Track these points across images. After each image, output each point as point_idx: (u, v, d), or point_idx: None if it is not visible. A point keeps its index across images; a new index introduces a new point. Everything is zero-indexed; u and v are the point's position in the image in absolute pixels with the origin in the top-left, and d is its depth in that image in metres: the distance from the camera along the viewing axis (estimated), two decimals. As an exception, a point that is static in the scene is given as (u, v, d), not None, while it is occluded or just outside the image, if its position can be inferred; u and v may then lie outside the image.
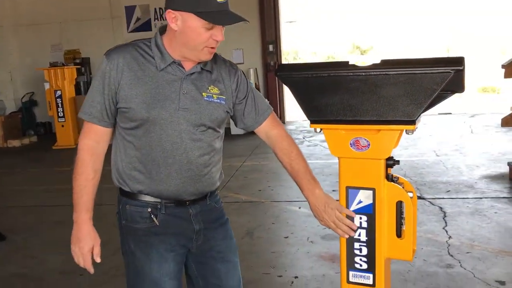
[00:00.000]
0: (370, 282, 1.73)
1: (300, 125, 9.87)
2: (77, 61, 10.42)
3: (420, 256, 3.50)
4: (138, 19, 10.60)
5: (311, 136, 8.59)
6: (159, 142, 1.64)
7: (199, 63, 1.68)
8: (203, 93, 1.67)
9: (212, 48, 1.62)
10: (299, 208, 4.79)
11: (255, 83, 10.26)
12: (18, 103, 11.15)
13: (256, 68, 10.31)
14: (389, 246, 1.74)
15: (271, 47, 10.20)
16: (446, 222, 4.15)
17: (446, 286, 3.05)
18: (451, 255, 3.50)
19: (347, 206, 1.75)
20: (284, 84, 1.77)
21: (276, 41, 10.23)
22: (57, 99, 9.11)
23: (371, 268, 1.73)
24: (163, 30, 1.68)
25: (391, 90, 1.59)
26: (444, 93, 1.65)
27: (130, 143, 1.67)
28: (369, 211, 1.74)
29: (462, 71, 1.53)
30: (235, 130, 9.70)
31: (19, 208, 5.56)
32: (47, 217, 5.14)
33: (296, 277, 3.33)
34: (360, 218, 1.75)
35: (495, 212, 4.32)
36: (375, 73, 1.60)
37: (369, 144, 1.70)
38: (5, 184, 6.80)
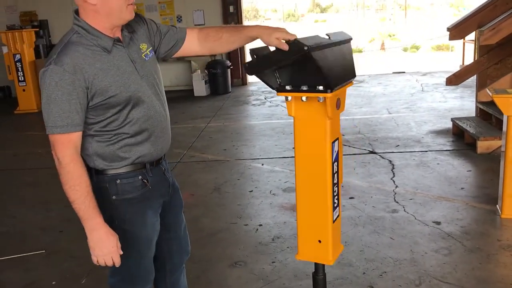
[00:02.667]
0: None
1: (262, 86, 10.13)
2: (35, 23, 10.23)
3: (369, 204, 3.94)
4: (96, -21, 10.41)
5: (272, 97, 8.90)
6: (144, 112, 1.77)
7: (122, 30, 1.76)
8: (142, 55, 1.81)
9: (132, 4, 1.71)
10: (262, 165, 5.15)
11: (217, 45, 10.37)
12: (-27, 66, 10.89)
13: (217, 30, 10.40)
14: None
15: (231, 8, 10.30)
16: (394, 174, 4.60)
17: (391, 228, 3.50)
18: (397, 202, 3.95)
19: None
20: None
21: (237, 1, 10.32)
22: (17, 63, 9.01)
23: None
24: (77, 13, 1.71)
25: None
26: None
27: (111, 130, 1.74)
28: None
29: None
30: (198, 92, 9.91)
31: (-11, 172, 5.68)
32: (19, 180, 5.32)
33: (260, 225, 3.71)
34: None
35: (438, 164, 4.80)
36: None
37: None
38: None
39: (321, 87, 1.67)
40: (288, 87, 1.73)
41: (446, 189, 4.16)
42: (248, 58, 10.53)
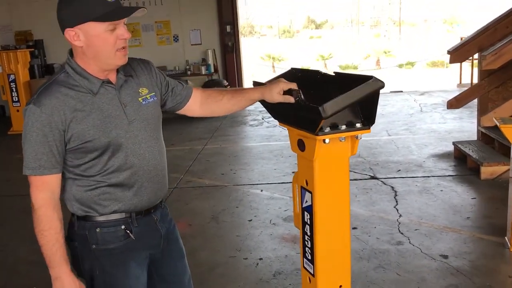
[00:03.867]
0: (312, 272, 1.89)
1: (259, 106, 10.01)
2: (30, 43, 10.14)
3: (373, 235, 3.81)
4: (92, -1, 10.37)
5: (269, 117, 8.78)
6: (126, 160, 1.66)
7: (118, 72, 1.69)
8: (139, 99, 1.71)
9: (123, 49, 1.62)
10: (261, 191, 5.02)
11: (214, 64, 10.33)
12: (-33, 86, 10.77)
13: (214, 49, 10.37)
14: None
15: (228, 28, 10.26)
16: (397, 201, 4.49)
17: (397, 262, 3.37)
18: (401, 233, 3.83)
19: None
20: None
21: (234, 21, 10.29)
22: (11, 83, 8.89)
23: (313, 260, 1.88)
24: (72, 52, 1.67)
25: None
26: None
27: (89, 176, 1.65)
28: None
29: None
30: (194, 112, 9.80)
31: (-20, 198, 5.53)
32: (11, 207, 5.16)
33: (260, 258, 3.57)
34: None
35: (441, 190, 4.69)
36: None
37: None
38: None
39: (358, 124, 1.72)
40: (327, 129, 1.68)
41: (451, 219, 4.05)
42: (247, 80, 10.38)
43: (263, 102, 1.87)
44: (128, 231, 1.71)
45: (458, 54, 5.47)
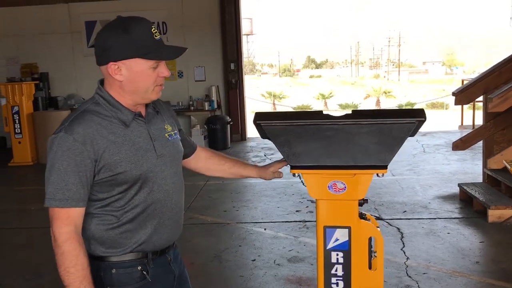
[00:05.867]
0: None
1: (261, 142, 10.04)
2: (35, 76, 10.21)
3: (381, 278, 3.71)
4: (98, 34, 10.52)
5: (272, 154, 8.77)
6: (153, 195, 1.63)
7: (147, 106, 1.69)
8: (165, 134, 1.71)
9: (160, 85, 1.63)
10: (265, 229, 4.93)
11: (217, 101, 10.38)
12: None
13: (218, 86, 10.44)
14: (363, 279, 1.91)
15: (232, 65, 10.36)
16: (403, 243, 4.39)
17: (406, 307, 3.27)
18: (410, 276, 3.73)
19: (325, 244, 1.90)
20: (261, 132, 1.88)
21: (238, 59, 10.40)
22: (14, 115, 8.89)
23: None
24: (103, 83, 1.64)
25: (364, 138, 1.77)
26: None
27: (114, 211, 1.59)
28: (345, 247, 1.90)
29: (424, 121, 1.74)
30: (196, 147, 9.76)
31: (-23, 230, 5.42)
32: (9, 240, 5.05)
33: (265, 300, 3.46)
34: (337, 254, 1.90)
35: (448, 233, 4.61)
36: (349, 123, 1.78)
37: (345, 187, 1.87)
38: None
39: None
40: None
41: (460, 263, 3.95)
42: (249, 116, 10.33)
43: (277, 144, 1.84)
44: (144, 272, 1.64)
45: (463, 96, 5.48)
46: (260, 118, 1.86)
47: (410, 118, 1.75)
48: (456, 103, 5.54)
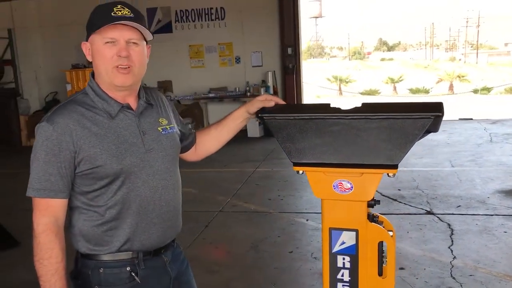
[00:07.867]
0: None
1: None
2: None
3: (421, 277, 3.49)
4: (159, 21, 10.71)
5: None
6: (137, 191, 1.56)
7: (139, 98, 1.63)
8: (159, 128, 1.64)
9: (120, 67, 1.53)
10: (307, 220, 4.80)
11: (274, 86, 10.28)
12: (42, 102, 11.41)
13: (274, 71, 10.32)
14: (371, 286, 1.77)
15: (289, 50, 10.19)
16: (452, 241, 4.11)
17: (445, 312, 3.05)
18: (453, 278, 3.47)
19: (331, 247, 1.77)
20: (265, 126, 1.78)
21: (295, 43, 10.21)
22: (78, 101, 9.29)
23: None
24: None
25: (373, 134, 1.61)
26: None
27: (97, 206, 1.55)
28: (352, 251, 1.76)
29: (442, 116, 1.55)
30: (251, 133, 9.76)
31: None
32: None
33: (296, 295, 3.37)
34: (343, 258, 1.77)
35: (505, 232, 4.25)
36: (357, 117, 1.62)
37: (352, 187, 1.72)
38: (24, 184, 6.97)
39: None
40: None
41: (513, 266, 3.63)
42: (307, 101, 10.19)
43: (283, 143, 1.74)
44: (133, 274, 1.58)
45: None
46: (263, 111, 1.76)
47: (425, 113, 1.57)
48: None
